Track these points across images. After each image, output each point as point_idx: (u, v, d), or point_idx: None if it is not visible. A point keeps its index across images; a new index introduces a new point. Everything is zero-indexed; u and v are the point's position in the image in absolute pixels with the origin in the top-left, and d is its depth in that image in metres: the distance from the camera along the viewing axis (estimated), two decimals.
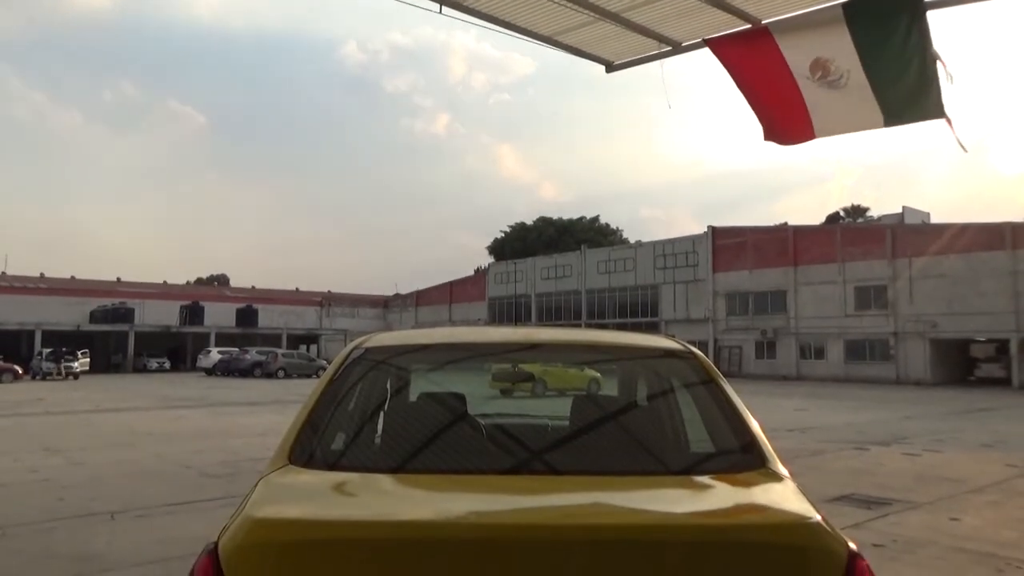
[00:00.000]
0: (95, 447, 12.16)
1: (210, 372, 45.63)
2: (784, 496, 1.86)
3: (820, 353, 44.45)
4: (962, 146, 3.98)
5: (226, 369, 44.29)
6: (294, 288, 77.65)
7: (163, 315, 59.73)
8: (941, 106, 3.95)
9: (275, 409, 20.25)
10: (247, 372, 42.73)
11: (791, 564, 1.61)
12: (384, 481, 1.98)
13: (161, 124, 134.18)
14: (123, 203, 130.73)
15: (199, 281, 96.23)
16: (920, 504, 7.91)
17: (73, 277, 67.69)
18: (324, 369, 2.84)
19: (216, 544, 1.65)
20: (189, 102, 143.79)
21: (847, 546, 1.66)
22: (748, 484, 1.97)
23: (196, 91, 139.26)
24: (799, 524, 1.68)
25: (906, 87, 4.00)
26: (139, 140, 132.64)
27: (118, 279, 68.10)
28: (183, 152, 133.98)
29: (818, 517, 1.69)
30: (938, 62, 4.00)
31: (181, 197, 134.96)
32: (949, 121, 3.94)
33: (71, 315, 55.07)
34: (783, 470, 2.05)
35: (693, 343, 2.83)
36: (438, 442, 2.26)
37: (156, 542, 6.01)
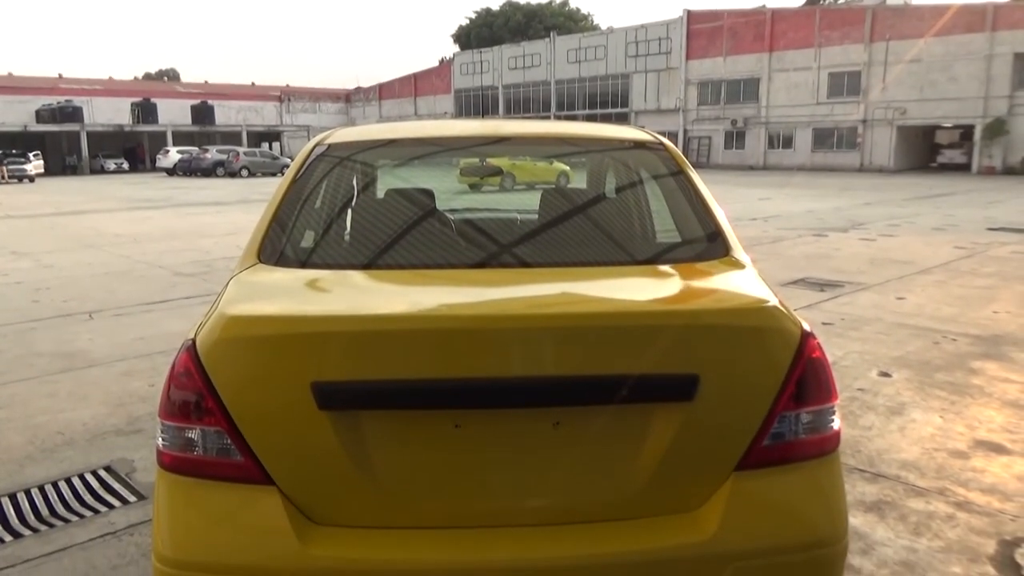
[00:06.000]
0: (63, 250, 12.11)
1: (171, 172, 44.58)
2: (744, 282, 1.93)
3: (788, 143, 44.51)
4: None
5: (187, 169, 43.27)
6: (250, 82, 74.00)
7: (113, 113, 57.08)
8: None
9: (242, 209, 20.11)
10: (209, 172, 41.83)
11: (749, 344, 1.70)
12: (355, 277, 2.00)
13: None
14: None
15: (147, 76, 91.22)
16: (870, 285, 8.35)
17: (11, 74, 63.51)
18: (288, 167, 2.78)
19: (194, 340, 1.69)
20: None
21: (800, 326, 1.74)
22: (711, 272, 2.03)
23: None
24: (757, 308, 1.76)
25: None
26: None
27: (60, 75, 64.09)
28: None
29: (775, 301, 1.76)
30: None
31: None
32: None
33: (15, 115, 52.38)
34: (745, 258, 2.10)
35: (663, 134, 2.79)
36: (408, 238, 2.27)
37: (137, 339, 6.19)
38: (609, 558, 1.62)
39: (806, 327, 1.75)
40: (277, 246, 2.11)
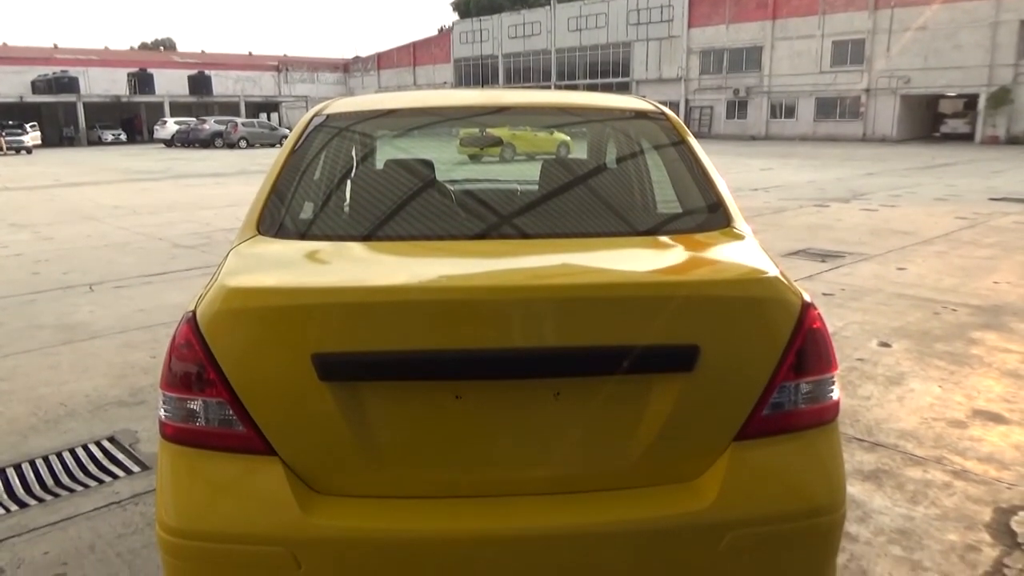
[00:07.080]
0: (62, 222, 12.08)
1: (169, 143, 44.29)
2: (745, 253, 1.92)
3: (790, 112, 44.16)
4: None
5: (185, 140, 42.98)
6: (247, 52, 73.29)
7: (109, 84, 56.62)
8: None
9: (241, 180, 20.02)
10: (207, 143, 41.56)
11: (749, 314, 1.70)
12: (355, 248, 1.99)
13: None
14: None
15: (143, 46, 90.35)
16: (871, 256, 8.33)
17: (5, 44, 62.86)
18: (287, 138, 2.74)
19: (194, 312, 1.68)
20: None
21: (801, 297, 1.74)
22: (712, 243, 2.02)
23: None
24: (757, 278, 1.75)
25: None
26: None
27: (55, 45, 63.47)
28: None
29: (776, 271, 1.76)
30: None
31: None
32: None
33: (10, 86, 51.95)
34: (746, 228, 2.09)
35: (664, 104, 2.76)
36: (408, 209, 2.25)
37: (138, 311, 6.20)
38: (609, 527, 1.64)
39: (806, 297, 1.75)
40: (276, 218, 2.09)
